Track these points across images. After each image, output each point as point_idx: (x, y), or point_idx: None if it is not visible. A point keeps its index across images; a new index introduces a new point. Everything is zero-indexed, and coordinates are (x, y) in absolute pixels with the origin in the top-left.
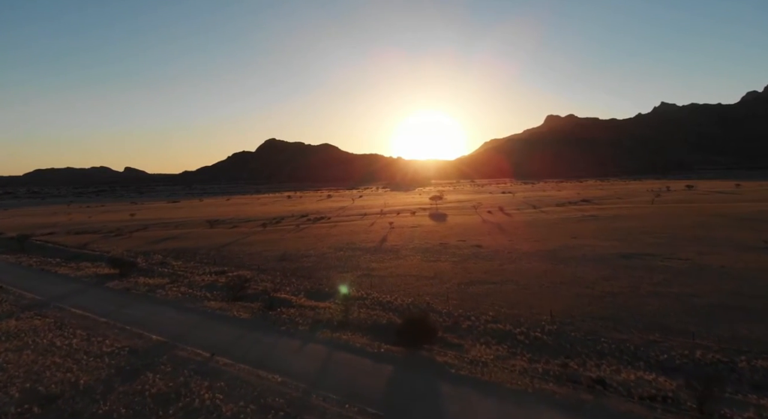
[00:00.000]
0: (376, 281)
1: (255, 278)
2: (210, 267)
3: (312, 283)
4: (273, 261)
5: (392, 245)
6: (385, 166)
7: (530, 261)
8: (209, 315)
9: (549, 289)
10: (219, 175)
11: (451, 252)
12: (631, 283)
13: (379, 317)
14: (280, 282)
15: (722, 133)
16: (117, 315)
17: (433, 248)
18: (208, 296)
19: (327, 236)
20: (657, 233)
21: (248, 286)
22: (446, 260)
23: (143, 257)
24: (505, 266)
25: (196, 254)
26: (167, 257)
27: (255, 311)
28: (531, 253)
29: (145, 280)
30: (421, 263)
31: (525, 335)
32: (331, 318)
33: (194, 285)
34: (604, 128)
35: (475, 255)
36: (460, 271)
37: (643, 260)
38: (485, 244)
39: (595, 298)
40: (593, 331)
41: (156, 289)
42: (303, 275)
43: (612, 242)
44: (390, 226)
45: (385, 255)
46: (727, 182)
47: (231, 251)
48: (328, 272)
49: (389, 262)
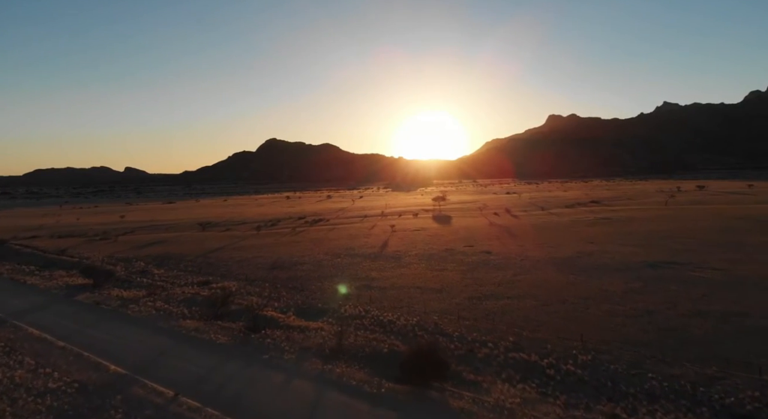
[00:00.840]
0: (377, 294)
1: (241, 290)
2: (194, 277)
3: (304, 297)
4: (264, 270)
5: (394, 250)
6: (387, 166)
7: (547, 271)
8: (183, 338)
9: (574, 306)
10: (219, 175)
11: (458, 259)
12: (666, 298)
13: (379, 342)
14: (269, 296)
15: (725, 132)
16: (78, 337)
17: (438, 255)
18: (185, 314)
19: (324, 241)
20: (679, 237)
21: (232, 301)
22: (453, 269)
23: (123, 265)
24: (520, 276)
25: (182, 261)
26: (150, 264)
27: (236, 334)
28: (546, 261)
29: (120, 292)
30: (426, 272)
31: (555, 368)
32: (322, 343)
33: (172, 299)
34: (607, 128)
35: (484, 263)
36: (470, 282)
37: (672, 270)
38: (495, 250)
39: (630, 318)
40: (636, 362)
41: (129, 304)
42: (295, 287)
43: (633, 248)
44: (391, 229)
45: (386, 263)
46: (738, 182)
47: (220, 257)
48: (322, 282)
49: (391, 271)
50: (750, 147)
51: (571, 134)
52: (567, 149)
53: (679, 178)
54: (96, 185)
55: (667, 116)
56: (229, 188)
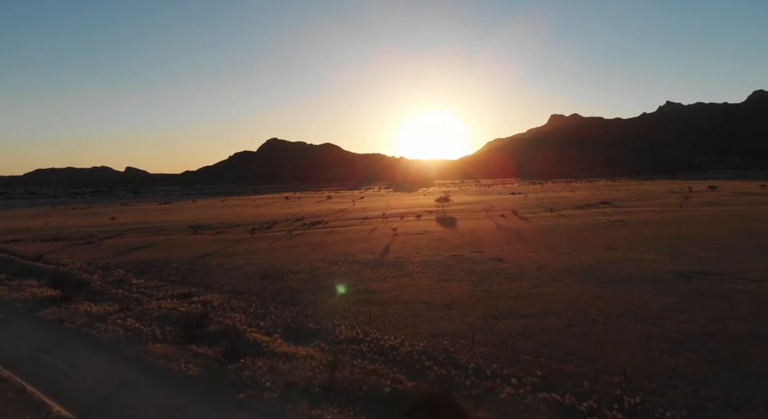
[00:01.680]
0: (377, 310)
1: (224, 305)
2: (175, 288)
3: (294, 314)
4: (253, 279)
5: (396, 256)
6: (388, 166)
7: (568, 282)
8: (148, 368)
9: (605, 327)
10: (220, 175)
11: (467, 268)
12: (710, 317)
13: (380, 376)
14: (254, 313)
15: (728, 132)
16: (27, 364)
17: (444, 262)
18: (156, 336)
19: (321, 246)
20: (705, 243)
21: (212, 319)
22: (462, 279)
23: (101, 273)
24: (538, 289)
25: (166, 268)
26: (130, 272)
27: (210, 363)
28: (565, 270)
29: (89, 307)
30: (432, 282)
31: (598, 415)
32: (311, 377)
33: (146, 316)
34: (609, 128)
35: (496, 272)
36: (483, 296)
37: (708, 282)
38: (506, 257)
39: (675, 343)
40: (698, 408)
41: (96, 321)
42: (285, 301)
43: (657, 255)
44: (393, 233)
45: (387, 271)
46: (748, 182)
47: (207, 264)
48: (317, 295)
49: (393, 281)
50: (753, 147)
51: (573, 133)
52: (569, 149)
53: (685, 178)
54: (96, 185)
55: (670, 115)
56: (228, 188)
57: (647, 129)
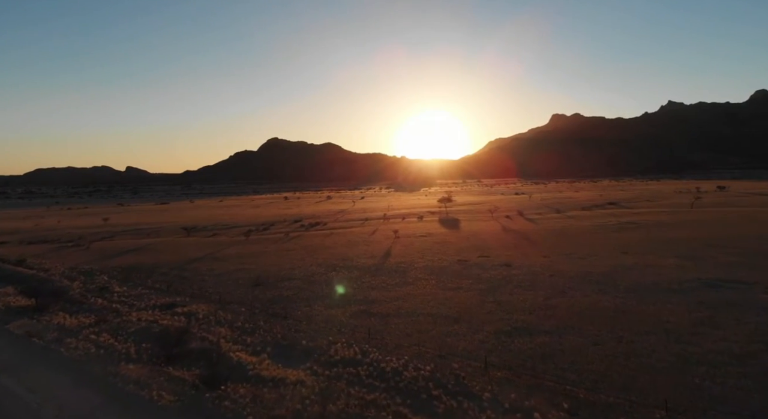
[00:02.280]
0: (377, 323)
1: (209, 317)
2: (159, 297)
3: (286, 328)
4: (244, 287)
5: (398, 261)
6: (389, 165)
7: (585, 291)
8: (115, 395)
9: (634, 346)
10: (221, 174)
11: (474, 274)
12: (749, 334)
13: (380, 410)
14: (242, 327)
15: (731, 132)
16: None
17: (449, 268)
18: (130, 354)
19: (319, 249)
20: (724, 246)
21: (194, 334)
22: (470, 288)
23: (83, 280)
24: (554, 299)
25: (153, 273)
26: (114, 279)
27: (186, 390)
28: (580, 277)
29: (63, 319)
30: (438, 291)
31: None
32: (300, 410)
33: (122, 331)
34: (611, 127)
35: (506, 280)
36: (493, 308)
37: (738, 292)
38: (515, 262)
39: (715, 366)
40: None
41: (68, 337)
42: (277, 313)
43: (677, 261)
44: (395, 235)
45: (388, 278)
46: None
47: (197, 269)
48: (311, 306)
49: (395, 289)
50: (756, 147)
51: (575, 133)
52: (571, 149)
53: (690, 178)
54: (96, 185)
55: (672, 115)
56: (228, 187)
57: (649, 129)
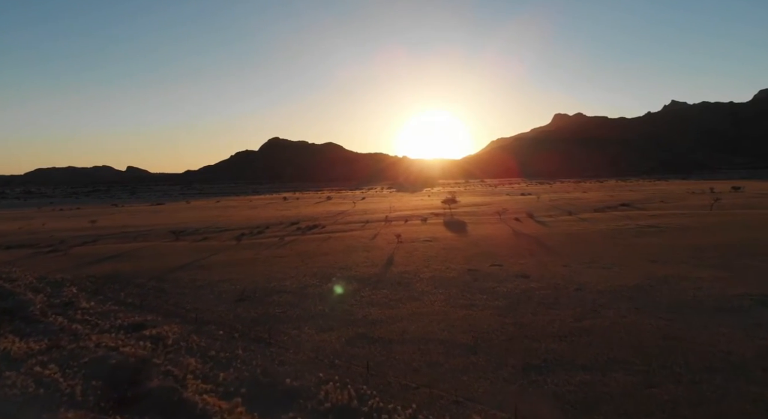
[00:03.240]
0: (378, 353)
1: (181, 342)
2: (129, 314)
3: (268, 359)
4: (227, 302)
5: (401, 271)
6: (390, 165)
7: (620, 310)
8: None
9: (698, 387)
10: (222, 174)
11: (487, 288)
12: None
13: None
14: (216, 357)
15: (734, 131)
16: None
17: (459, 279)
18: (75, 395)
19: (315, 256)
20: (761, 254)
21: (156, 368)
22: (485, 305)
23: (49, 292)
24: (586, 321)
25: (129, 284)
26: (84, 291)
27: None
28: (610, 291)
29: (11, 343)
30: (448, 309)
31: None
32: None
33: (74, 361)
34: (613, 127)
35: (526, 295)
36: (514, 332)
37: None
38: (533, 272)
39: None
40: None
41: (9, 368)
42: (260, 337)
43: (714, 271)
44: (397, 239)
45: (391, 291)
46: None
47: (178, 280)
48: (301, 328)
49: (398, 306)
50: (760, 146)
51: (577, 133)
52: (573, 149)
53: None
54: (96, 184)
55: (675, 114)
56: (228, 187)
57: (652, 128)
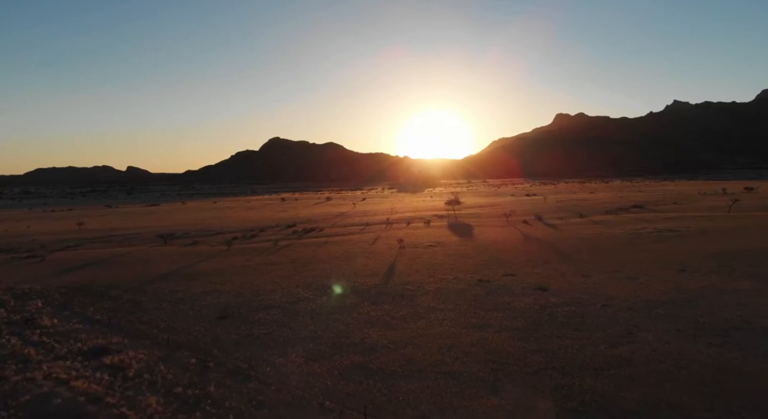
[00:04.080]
0: (378, 391)
1: (144, 374)
2: (93, 335)
3: (245, 399)
4: (206, 320)
5: (404, 282)
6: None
7: (659, 332)
8: None
9: None
10: (222, 174)
11: (502, 303)
12: None
13: None
14: (183, 395)
15: (737, 131)
16: None
17: (469, 292)
18: None
19: (310, 263)
20: None
21: (104, 414)
22: (502, 326)
23: (11, 307)
24: (622, 347)
25: (101, 297)
26: (50, 305)
27: None
28: (641, 308)
29: None
30: (459, 330)
31: None
32: None
33: (11, 400)
34: (616, 127)
35: (547, 313)
36: (542, 362)
37: None
38: (551, 284)
39: None
40: None
41: None
42: (237, 368)
43: (752, 283)
44: (399, 244)
45: (393, 307)
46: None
47: (157, 292)
48: (288, 355)
49: (401, 326)
50: (763, 146)
51: (579, 133)
52: (575, 149)
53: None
54: (96, 184)
55: (678, 114)
56: (227, 188)
57: (654, 128)
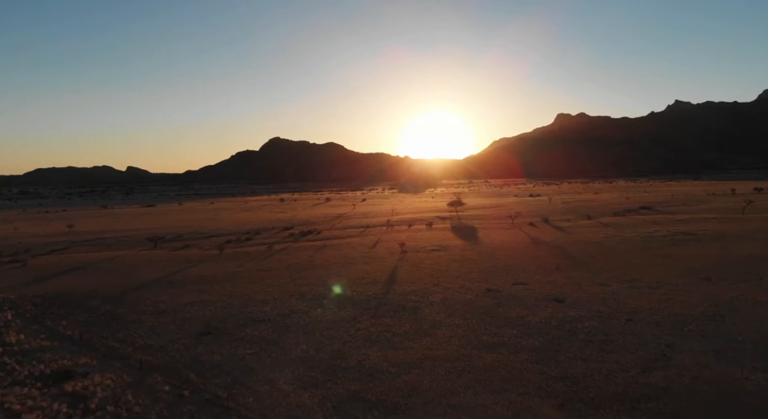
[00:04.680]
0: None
1: (109, 404)
2: (60, 354)
3: None
4: (188, 335)
5: (407, 291)
6: (392, 165)
7: (696, 354)
8: None
9: None
10: (222, 174)
11: (516, 317)
12: None
13: None
14: None
15: (739, 131)
16: None
17: (477, 304)
18: None
19: (305, 270)
20: None
21: None
22: (517, 345)
23: None
24: (657, 372)
25: (78, 308)
26: (20, 317)
27: None
28: (671, 323)
29: None
30: (469, 351)
31: None
32: None
33: None
34: (617, 127)
35: (566, 329)
36: (565, 392)
37: None
38: (567, 294)
39: None
40: None
41: None
42: (216, 397)
43: None
44: (401, 249)
45: (395, 320)
46: None
47: (139, 302)
48: (274, 382)
49: (404, 345)
50: (765, 146)
51: (580, 133)
52: (576, 149)
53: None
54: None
55: (679, 114)
56: (226, 188)
57: (656, 128)
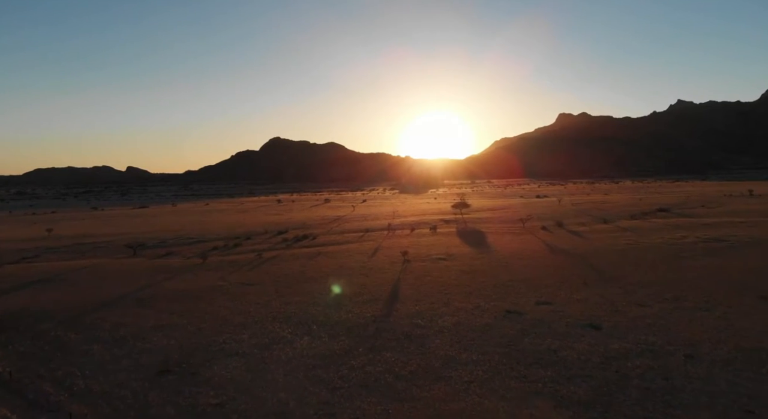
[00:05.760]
0: None
1: None
2: None
3: None
4: (143, 376)
5: (411, 312)
6: (393, 165)
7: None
8: None
9: None
10: (222, 174)
11: (547, 351)
12: None
13: None
14: None
15: (742, 131)
16: None
17: (498, 331)
18: None
19: (295, 284)
20: None
21: None
22: (556, 396)
23: None
24: None
25: (25, 333)
26: None
27: None
28: (745, 362)
29: None
30: (494, 403)
31: None
32: None
33: None
34: (619, 127)
35: (613, 369)
36: None
37: None
38: (602, 317)
39: None
40: None
41: None
42: None
43: None
44: (403, 258)
45: (397, 356)
46: None
47: (96, 325)
48: None
49: (410, 396)
50: None
51: (582, 132)
52: (578, 148)
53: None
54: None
55: (681, 114)
56: (225, 188)
57: (658, 128)
